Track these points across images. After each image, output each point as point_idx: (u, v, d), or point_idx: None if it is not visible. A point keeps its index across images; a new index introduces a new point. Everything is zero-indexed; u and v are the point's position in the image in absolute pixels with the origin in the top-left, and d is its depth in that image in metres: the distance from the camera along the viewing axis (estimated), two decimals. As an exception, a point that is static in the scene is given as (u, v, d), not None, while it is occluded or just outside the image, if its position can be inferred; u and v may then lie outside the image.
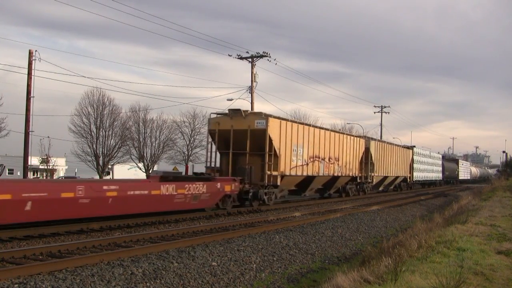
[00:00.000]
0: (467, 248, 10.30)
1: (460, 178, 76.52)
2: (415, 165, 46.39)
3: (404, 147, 44.12)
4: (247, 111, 21.22)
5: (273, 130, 20.78)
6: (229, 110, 21.59)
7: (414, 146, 48.15)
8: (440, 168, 60.30)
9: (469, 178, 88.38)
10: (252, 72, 35.63)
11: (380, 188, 38.66)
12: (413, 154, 45.78)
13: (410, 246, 10.33)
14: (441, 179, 60.28)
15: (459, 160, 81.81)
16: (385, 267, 7.98)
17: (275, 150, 20.82)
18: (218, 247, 11.50)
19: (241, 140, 20.99)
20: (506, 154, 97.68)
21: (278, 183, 21.28)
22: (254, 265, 10.67)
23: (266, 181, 20.49)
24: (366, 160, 32.15)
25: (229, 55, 36.36)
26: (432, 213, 22.86)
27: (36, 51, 24.28)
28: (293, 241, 13.48)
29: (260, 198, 20.71)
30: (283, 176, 21.72)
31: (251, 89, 35.61)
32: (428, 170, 53.41)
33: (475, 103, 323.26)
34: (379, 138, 71.10)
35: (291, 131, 22.27)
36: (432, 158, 56.15)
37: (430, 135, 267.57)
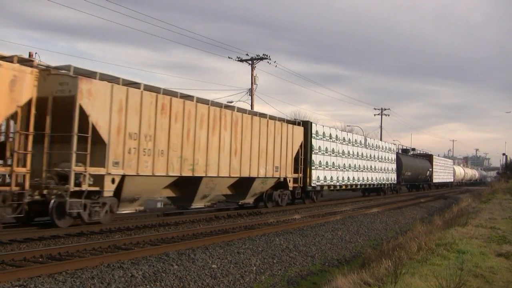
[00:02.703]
0: (467, 250, 10.31)
1: (435, 181, 57.76)
2: (317, 157, 25.34)
3: (276, 120, 21.90)
4: None
5: None
6: None
7: (311, 122, 25.94)
8: (393, 166, 39.53)
9: (451, 181, 70.46)
10: (252, 75, 35.64)
11: (200, 205, 18.02)
12: (309, 137, 24.59)
13: (410, 248, 10.33)
14: (394, 182, 40.07)
15: (434, 157, 58.95)
16: (385, 270, 7.99)
17: None
18: (218, 249, 11.50)
19: None
20: (506, 156, 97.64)
21: None
22: (254, 267, 10.67)
23: None
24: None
25: (229, 58, 36.20)
26: (432, 215, 22.87)
27: (36, 53, 24.42)
28: (293, 243, 13.48)
29: None
30: None
31: (251, 92, 35.62)
32: (359, 167, 31.85)
33: (475, 105, 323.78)
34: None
35: None
36: (371, 148, 34.40)
37: (430, 138, 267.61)
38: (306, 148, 24.49)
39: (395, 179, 40.23)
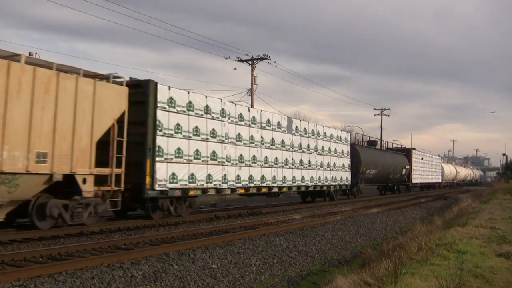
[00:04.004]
0: (467, 250, 10.31)
1: (415, 181, 47.93)
2: (171, 142, 15.70)
3: (53, 68, 12.26)
4: None
5: None
6: None
7: (156, 82, 15.38)
8: (346, 161, 29.84)
9: (439, 181, 60.93)
10: (252, 75, 35.67)
11: None
12: (151, 107, 15.16)
13: (410, 248, 10.32)
14: (348, 183, 30.09)
15: (414, 151, 48.29)
16: (385, 270, 7.98)
17: None
18: (218, 249, 11.50)
19: None
20: (506, 156, 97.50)
21: None
22: (254, 267, 10.67)
23: None
24: None
25: (226, 58, 35.95)
26: (432, 215, 22.88)
27: (36, 53, 24.42)
28: (293, 243, 13.48)
29: None
30: None
31: (251, 92, 35.64)
32: (277, 161, 21.74)
33: (475, 106, 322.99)
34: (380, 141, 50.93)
35: None
36: (302, 134, 24.34)
37: (431, 138, 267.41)
38: (145, 125, 14.89)
39: (349, 179, 30.39)
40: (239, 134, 19.22)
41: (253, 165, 20.00)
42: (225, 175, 18.16)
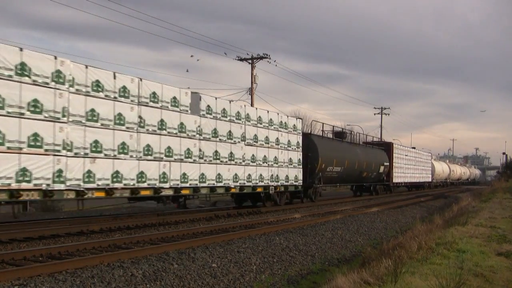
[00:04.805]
0: (467, 249, 10.31)
1: (397, 180, 41.20)
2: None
3: None
4: None
5: None
6: None
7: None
8: (294, 155, 22.83)
9: (428, 180, 53.96)
10: (252, 74, 35.67)
11: None
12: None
13: (410, 247, 10.33)
14: (298, 183, 23.31)
15: (395, 146, 41.46)
16: (385, 269, 7.98)
17: None
18: (218, 248, 11.51)
19: None
20: (506, 155, 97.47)
21: None
22: (254, 266, 10.68)
23: None
24: None
25: (224, 54, 36.12)
26: (432, 214, 22.87)
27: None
28: (293, 242, 13.48)
29: None
30: None
31: (251, 91, 35.64)
32: (169, 152, 15.12)
33: (475, 105, 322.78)
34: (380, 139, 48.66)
35: None
36: (217, 116, 17.47)
37: (430, 137, 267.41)
38: None
39: (300, 178, 23.65)
40: (92, 110, 12.88)
41: (120, 156, 13.62)
42: (60, 170, 11.95)
